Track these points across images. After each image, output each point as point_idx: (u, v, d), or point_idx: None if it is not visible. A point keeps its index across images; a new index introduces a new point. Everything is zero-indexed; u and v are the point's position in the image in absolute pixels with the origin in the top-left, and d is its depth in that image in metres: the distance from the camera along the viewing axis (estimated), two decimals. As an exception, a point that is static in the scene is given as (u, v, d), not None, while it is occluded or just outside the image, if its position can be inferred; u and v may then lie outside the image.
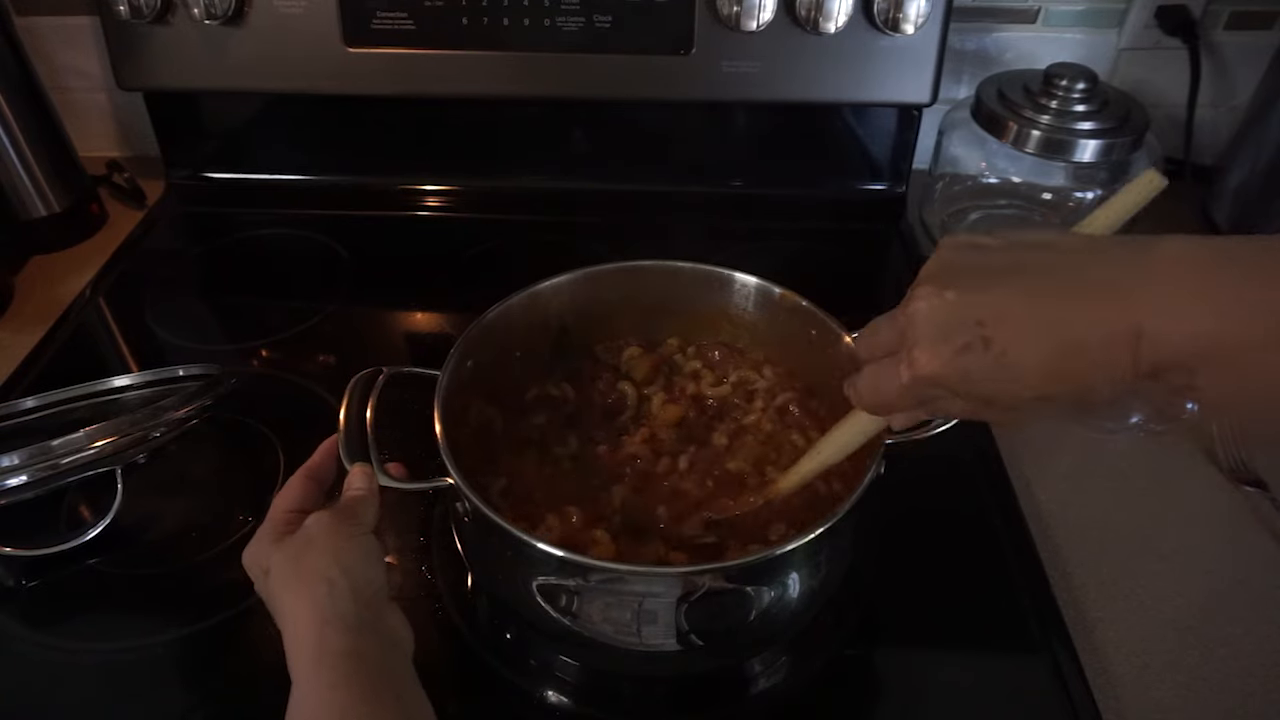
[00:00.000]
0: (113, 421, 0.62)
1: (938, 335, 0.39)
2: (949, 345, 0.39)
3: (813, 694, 0.59)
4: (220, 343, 0.88)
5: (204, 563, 0.65)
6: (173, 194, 1.06)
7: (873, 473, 0.52)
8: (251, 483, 0.70)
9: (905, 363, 0.40)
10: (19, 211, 0.96)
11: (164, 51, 0.93)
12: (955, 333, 0.39)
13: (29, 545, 0.64)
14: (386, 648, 0.47)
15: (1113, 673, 0.59)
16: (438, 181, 1.06)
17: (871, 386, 0.44)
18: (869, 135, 1.03)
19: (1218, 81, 1.01)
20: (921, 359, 0.40)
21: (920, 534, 0.67)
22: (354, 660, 0.44)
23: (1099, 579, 0.65)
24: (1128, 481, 0.72)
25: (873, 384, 0.44)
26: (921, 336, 0.40)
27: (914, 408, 0.43)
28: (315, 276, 0.96)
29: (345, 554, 0.48)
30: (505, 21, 0.89)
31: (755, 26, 0.86)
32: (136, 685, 0.58)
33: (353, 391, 0.57)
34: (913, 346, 0.40)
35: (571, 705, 0.58)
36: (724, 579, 0.50)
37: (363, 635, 0.46)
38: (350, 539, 0.49)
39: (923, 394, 0.41)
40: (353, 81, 0.94)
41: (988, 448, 0.74)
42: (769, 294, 0.66)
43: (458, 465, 0.52)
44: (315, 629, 0.45)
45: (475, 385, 0.61)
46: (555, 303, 0.67)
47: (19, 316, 0.89)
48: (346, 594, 0.46)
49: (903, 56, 0.90)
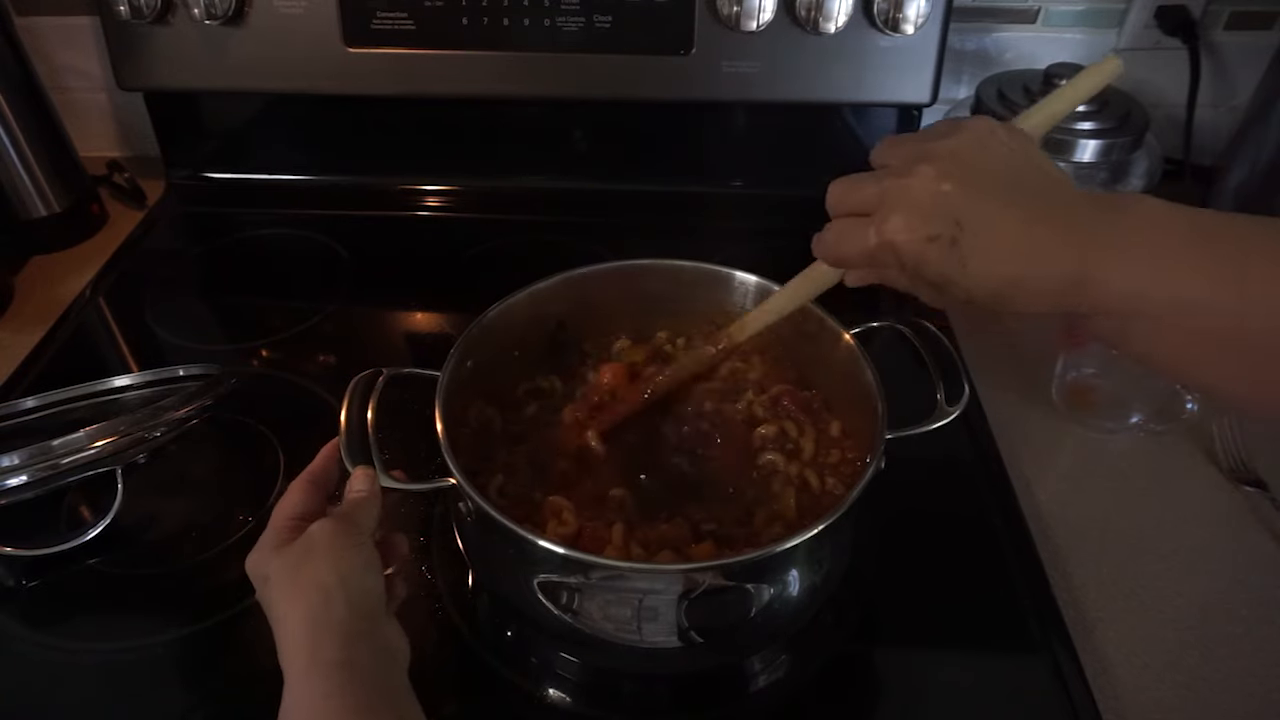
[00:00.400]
0: (113, 421, 0.62)
1: (917, 215, 0.41)
2: (922, 229, 0.41)
3: (813, 692, 0.59)
4: (220, 343, 0.88)
5: (204, 563, 0.65)
6: (173, 194, 1.06)
7: (873, 470, 0.52)
8: (251, 483, 0.70)
9: (876, 226, 0.43)
10: (19, 211, 0.96)
11: (164, 51, 0.93)
12: (933, 221, 0.41)
13: (29, 545, 0.64)
14: (382, 659, 0.46)
15: (1113, 673, 0.59)
16: (438, 181, 1.06)
17: (836, 239, 0.46)
18: (869, 135, 1.03)
19: (1218, 81, 1.01)
20: (892, 228, 0.42)
21: (920, 533, 0.67)
22: (347, 670, 0.44)
23: (1099, 579, 0.65)
24: (1128, 481, 0.72)
25: (838, 238, 0.46)
26: (902, 209, 0.42)
27: (867, 268, 0.46)
28: (315, 276, 0.96)
29: (344, 563, 0.47)
30: (505, 21, 0.89)
31: (755, 27, 0.86)
32: (136, 685, 0.58)
33: (353, 393, 0.57)
34: (890, 214, 0.42)
35: (572, 704, 0.58)
36: (725, 576, 0.50)
37: (357, 645, 0.45)
38: (350, 548, 0.48)
39: (880, 258, 0.43)
40: (353, 81, 0.94)
41: (988, 448, 0.74)
42: (769, 292, 0.66)
43: (459, 465, 0.52)
44: (309, 637, 0.45)
45: (475, 385, 0.61)
46: (555, 302, 0.67)
47: (19, 316, 0.89)
48: (343, 603, 0.46)
49: (903, 56, 0.90)
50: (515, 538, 0.49)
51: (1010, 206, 0.41)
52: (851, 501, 0.50)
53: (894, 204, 0.42)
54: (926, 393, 0.58)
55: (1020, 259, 0.41)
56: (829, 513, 0.49)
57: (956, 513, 0.70)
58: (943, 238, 0.41)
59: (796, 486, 0.59)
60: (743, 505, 0.59)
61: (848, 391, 0.62)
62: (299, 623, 0.45)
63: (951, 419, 0.56)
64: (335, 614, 0.45)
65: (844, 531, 0.53)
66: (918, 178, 0.42)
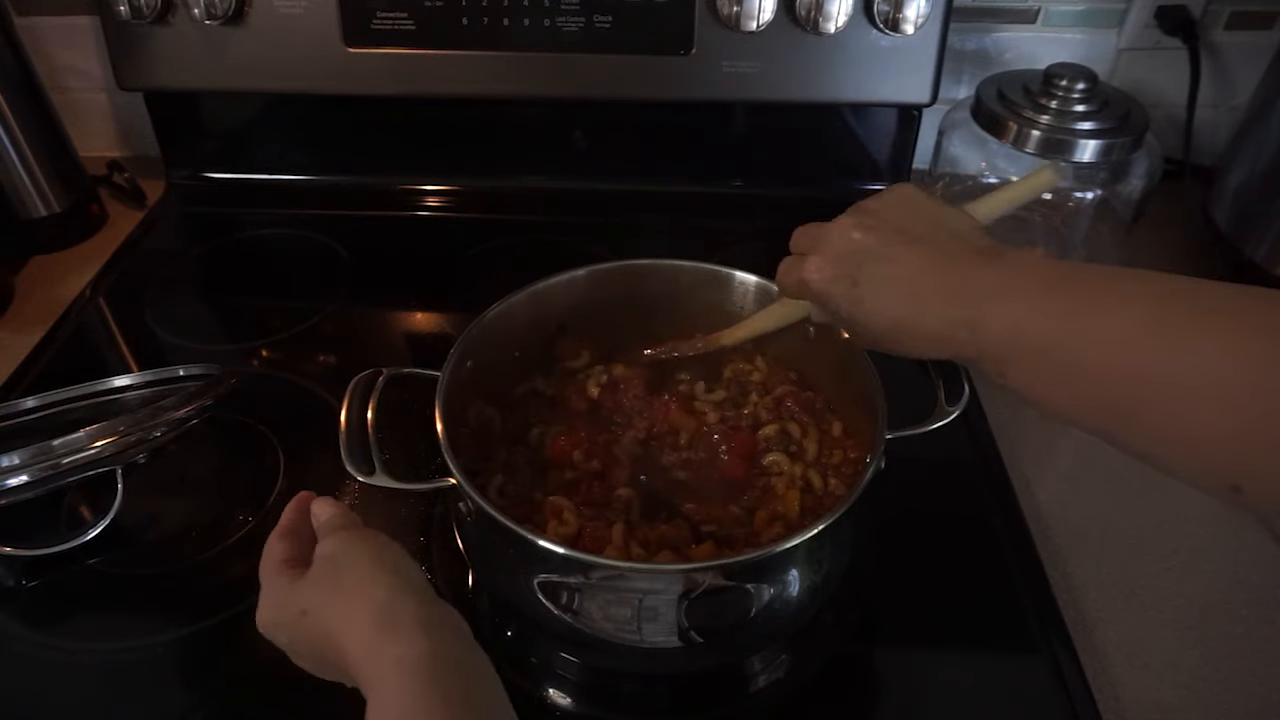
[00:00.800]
0: (113, 421, 0.62)
1: (829, 256, 0.49)
2: (831, 268, 0.49)
3: (813, 692, 0.59)
4: (220, 343, 0.88)
5: (204, 563, 0.65)
6: (173, 194, 1.06)
7: (873, 470, 0.52)
8: (251, 483, 0.70)
9: (802, 264, 0.50)
10: (19, 211, 0.96)
11: (164, 51, 0.93)
12: (840, 262, 0.49)
13: (29, 545, 0.63)
14: (462, 640, 0.42)
15: (1113, 673, 0.59)
16: (438, 181, 1.06)
17: (783, 270, 0.53)
18: (869, 135, 1.03)
19: (1218, 81, 1.01)
20: (810, 267, 0.50)
21: (920, 533, 0.67)
22: (438, 660, 0.40)
23: (1099, 579, 0.65)
24: (1128, 481, 0.72)
25: (784, 269, 0.53)
26: (819, 251, 0.50)
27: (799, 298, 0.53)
28: (315, 276, 0.96)
29: (387, 555, 0.44)
30: (505, 21, 0.89)
31: (755, 26, 0.86)
32: (136, 685, 0.58)
33: (353, 393, 0.57)
34: (811, 255, 0.50)
35: (572, 704, 0.58)
36: (725, 576, 0.50)
37: (439, 633, 0.41)
38: (379, 541, 0.45)
39: (803, 292, 0.51)
40: (353, 81, 0.94)
41: (988, 448, 0.74)
42: (769, 292, 0.66)
43: (459, 465, 0.52)
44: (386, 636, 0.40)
45: (475, 385, 0.61)
46: (555, 302, 0.67)
47: (19, 316, 0.89)
48: (407, 593, 0.42)
49: (903, 56, 0.90)
50: (515, 538, 0.49)
51: (909, 256, 0.47)
52: (852, 501, 0.50)
53: (814, 247, 0.50)
54: (926, 393, 0.58)
55: (907, 302, 0.46)
56: (829, 512, 0.49)
57: (956, 513, 0.70)
58: (844, 279, 0.48)
59: (800, 487, 0.59)
60: (743, 505, 0.59)
61: (848, 392, 0.62)
62: (368, 629, 0.41)
63: (951, 419, 0.56)
64: (406, 606, 0.42)
65: (844, 531, 0.53)
66: (837, 226, 0.50)
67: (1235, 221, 0.89)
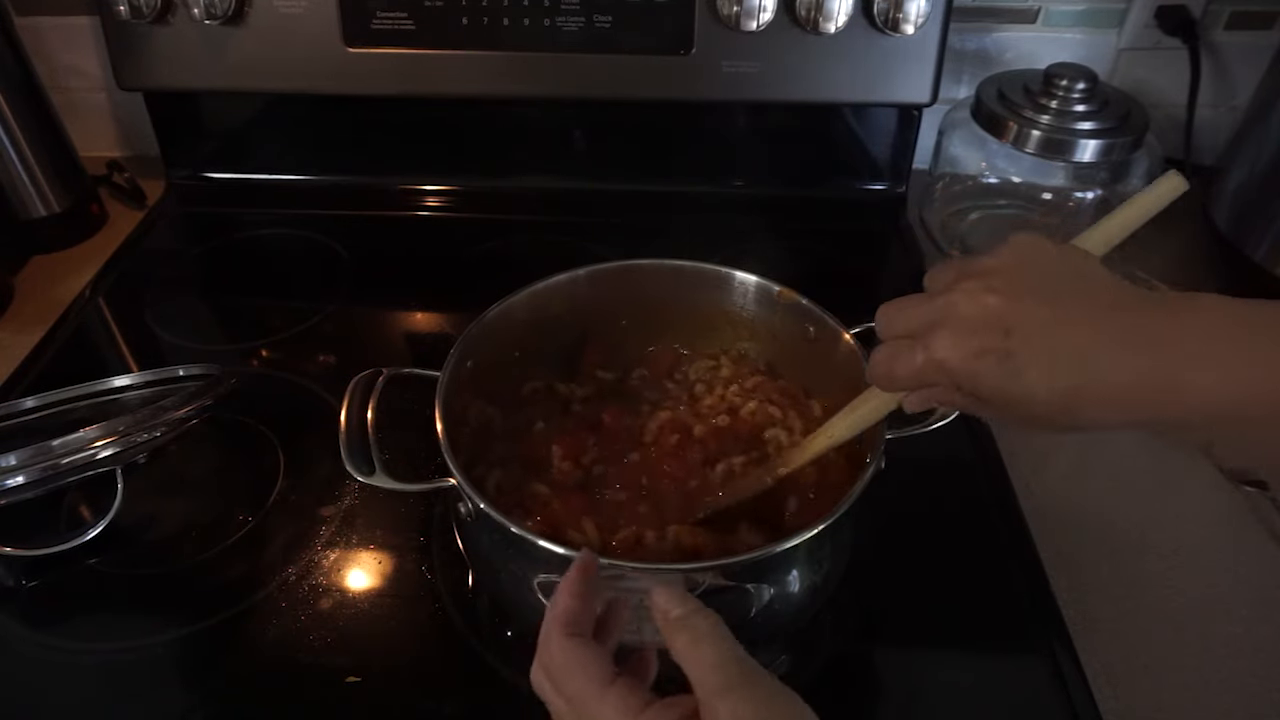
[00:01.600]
0: (113, 421, 0.62)
1: (964, 330, 0.40)
2: (971, 343, 0.39)
3: (813, 692, 0.58)
4: (220, 343, 0.88)
5: (204, 563, 0.65)
6: (173, 194, 1.06)
7: (873, 469, 0.52)
8: (251, 483, 0.70)
9: (923, 344, 0.41)
10: (19, 211, 0.96)
11: (164, 51, 0.93)
12: (981, 334, 0.39)
13: (29, 545, 0.63)
14: None
15: (1113, 673, 0.59)
16: (438, 181, 1.06)
17: (887, 362, 0.44)
18: (869, 135, 1.03)
19: (1218, 81, 1.01)
20: (940, 346, 0.40)
21: (920, 533, 0.67)
22: None
23: (1099, 579, 0.65)
24: (1128, 481, 0.72)
25: (888, 361, 0.43)
26: (949, 325, 0.40)
27: (918, 389, 0.44)
28: (315, 276, 0.95)
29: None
30: (505, 21, 0.89)
31: (755, 27, 0.86)
32: (136, 685, 0.58)
33: (353, 394, 0.57)
34: (938, 332, 0.40)
35: (572, 705, 0.58)
36: (725, 576, 0.50)
37: None
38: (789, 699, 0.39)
39: (930, 379, 0.42)
40: (353, 81, 0.94)
41: (988, 448, 0.74)
42: (768, 292, 0.66)
43: (459, 465, 0.52)
44: None
45: (475, 385, 0.61)
46: (555, 302, 0.67)
47: (19, 316, 0.89)
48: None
49: (903, 56, 0.90)
50: (515, 538, 0.49)
51: (1061, 312, 0.39)
52: (852, 501, 0.50)
53: (940, 321, 0.41)
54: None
55: (1080, 365, 0.38)
56: (829, 512, 0.49)
57: (956, 513, 0.70)
58: (993, 351, 0.39)
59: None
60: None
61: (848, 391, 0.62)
62: None
63: (951, 419, 0.56)
64: None
65: (844, 531, 0.53)
66: (962, 293, 0.40)
67: (1235, 222, 0.89)
